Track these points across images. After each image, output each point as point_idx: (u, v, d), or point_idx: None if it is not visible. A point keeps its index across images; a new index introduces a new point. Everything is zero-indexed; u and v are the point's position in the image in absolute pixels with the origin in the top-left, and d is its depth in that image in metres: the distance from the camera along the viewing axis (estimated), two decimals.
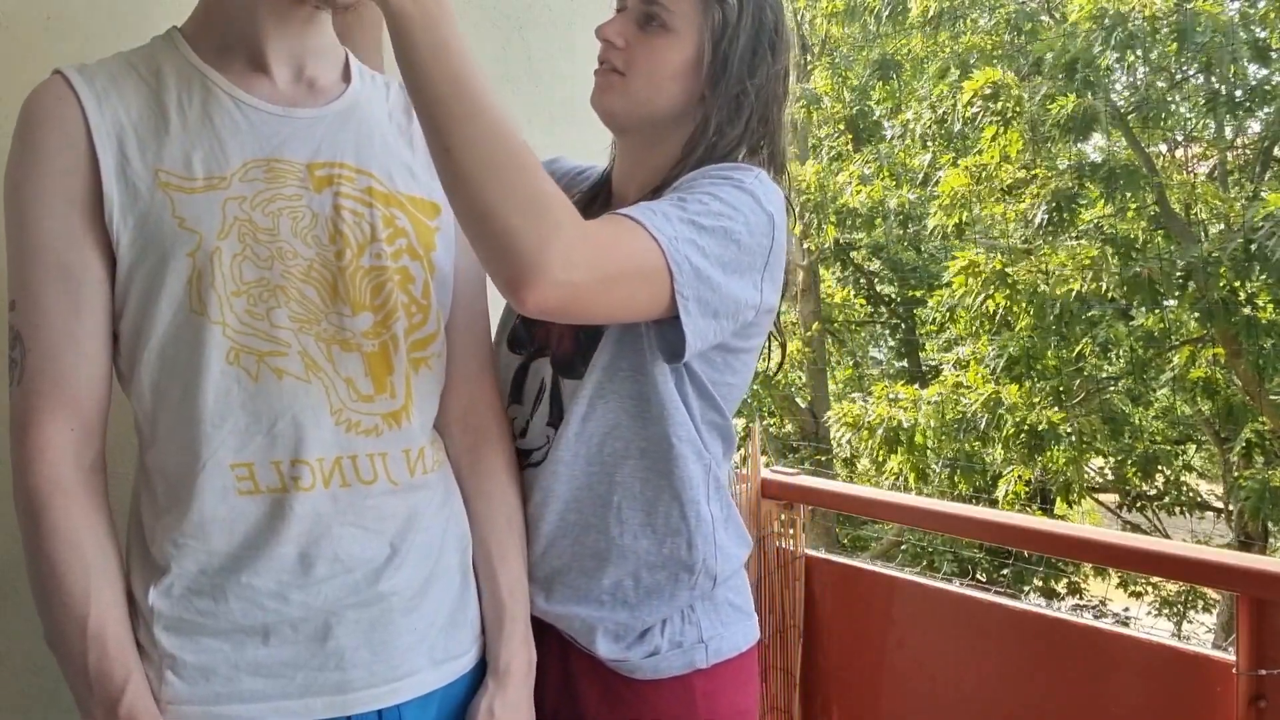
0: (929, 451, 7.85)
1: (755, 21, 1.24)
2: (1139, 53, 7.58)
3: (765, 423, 10.93)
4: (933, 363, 10.43)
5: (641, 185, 1.28)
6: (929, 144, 8.71)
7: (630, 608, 1.22)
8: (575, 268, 1.01)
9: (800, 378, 10.87)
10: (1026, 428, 7.41)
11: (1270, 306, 7.69)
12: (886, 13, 9.55)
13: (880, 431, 7.77)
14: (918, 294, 10.70)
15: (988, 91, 7.64)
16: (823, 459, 10.02)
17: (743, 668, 1.28)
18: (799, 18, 10.76)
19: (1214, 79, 7.53)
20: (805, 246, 10.15)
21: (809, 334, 10.54)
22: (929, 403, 7.77)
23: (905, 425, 7.70)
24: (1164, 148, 9.06)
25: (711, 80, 1.23)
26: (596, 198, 1.35)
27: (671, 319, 1.12)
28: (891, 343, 12.16)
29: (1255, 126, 8.27)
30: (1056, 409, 7.72)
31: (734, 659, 1.26)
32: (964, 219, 8.14)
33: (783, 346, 1.38)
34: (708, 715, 1.23)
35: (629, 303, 1.10)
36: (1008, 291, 7.42)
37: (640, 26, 1.24)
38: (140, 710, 1.00)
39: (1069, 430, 7.51)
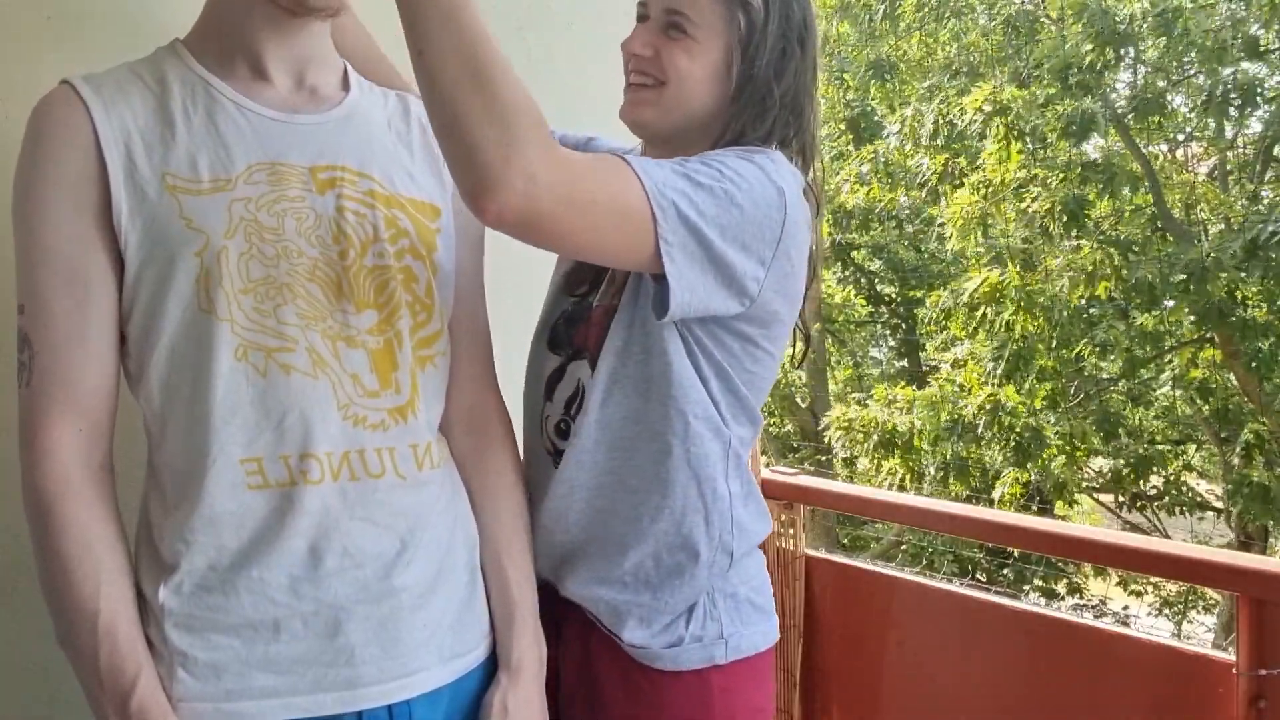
0: (925, 454, 7.82)
1: (783, 21, 1.23)
2: (1128, 51, 7.55)
3: (765, 423, 10.93)
4: (933, 363, 10.43)
5: None
6: (926, 145, 8.68)
7: (653, 589, 1.22)
8: (536, 183, 0.98)
9: (800, 378, 10.87)
10: (1022, 431, 7.39)
11: (1266, 307, 7.69)
12: (880, 12, 9.55)
13: (875, 436, 7.73)
14: (918, 294, 10.70)
15: (988, 107, 7.55)
16: (823, 459, 10.02)
17: (760, 667, 1.28)
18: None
19: (1206, 78, 7.50)
20: None
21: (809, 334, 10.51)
22: (926, 405, 7.74)
23: (901, 429, 7.68)
24: (1164, 148, 9.06)
25: (739, 85, 1.23)
26: None
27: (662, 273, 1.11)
28: (891, 343, 12.16)
29: (1256, 126, 8.27)
30: (1053, 410, 7.71)
31: (752, 658, 1.26)
32: (978, 238, 8.09)
33: (806, 338, 1.36)
34: (724, 711, 1.23)
35: (598, 237, 1.07)
36: (1023, 304, 7.35)
37: (665, 34, 1.23)
38: (151, 705, 1.01)
39: (1062, 431, 7.50)
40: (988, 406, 7.41)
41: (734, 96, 1.23)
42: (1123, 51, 7.58)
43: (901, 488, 7.68)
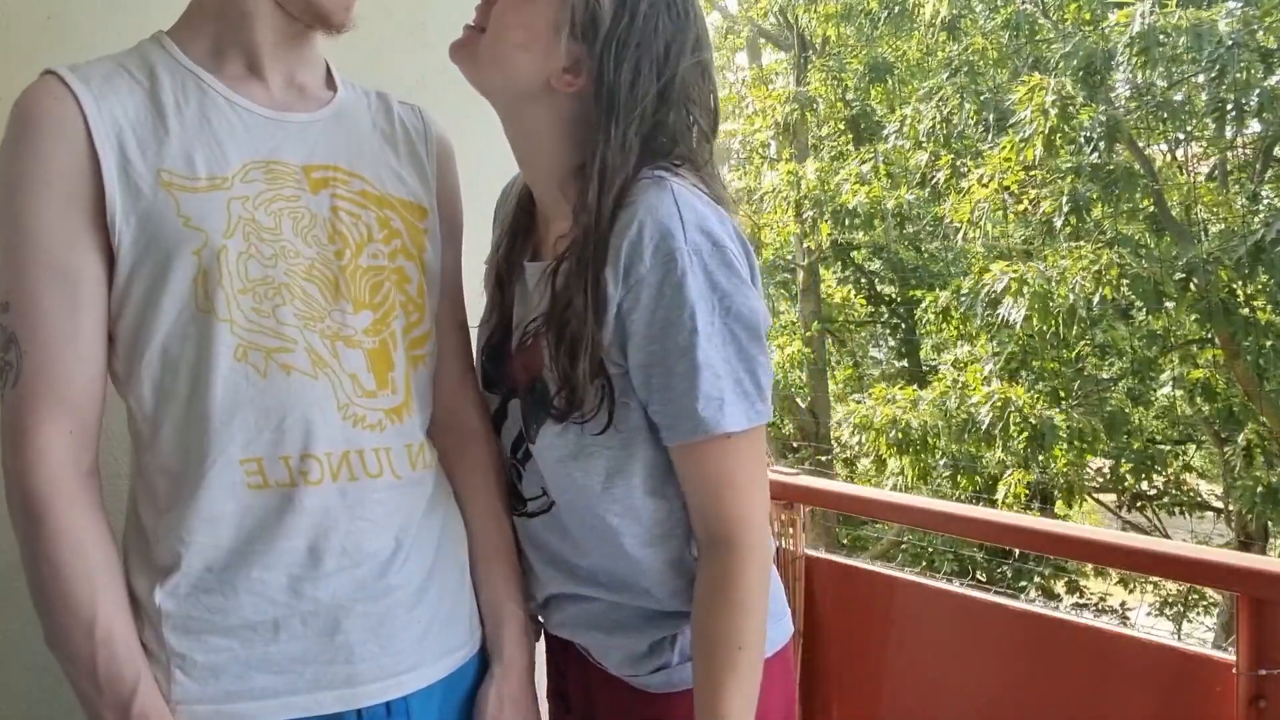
0: (934, 453, 7.81)
1: (637, 33, 1.11)
2: (1168, 63, 7.44)
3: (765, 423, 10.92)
4: (933, 363, 10.43)
5: (552, 201, 1.19)
6: (925, 144, 8.65)
7: (636, 630, 1.19)
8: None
9: (800, 378, 10.87)
10: (1030, 428, 7.36)
11: (1270, 307, 7.69)
12: (885, 15, 9.52)
13: (891, 434, 7.70)
14: (918, 294, 10.70)
15: (1051, 99, 7.32)
16: (823, 459, 10.02)
17: (768, 674, 1.19)
18: (795, 18, 10.75)
19: (1222, 87, 7.41)
20: (805, 246, 10.15)
21: (809, 334, 10.54)
22: (935, 405, 7.71)
23: (914, 426, 7.65)
24: (1164, 147, 9.05)
25: (598, 88, 1.11)
26: (517, 227, 1.27)
27: None
28: (891, 343, 12.16)
29: (1255, 126, 8.25)
30: (1057, 408, 7.70)
31: None
32: (989, 228, 8.02)
33: None
34: None
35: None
36: (1037, 305, 7.26)
37: None
38: (152, 711, 1.01)
39: (1069, 428, 7.48)
40: (998, 405, 7.37)
41: (586, 89, 1.12)
42: (1155, 66, 7.42)
43: (907, 487, 7.67)
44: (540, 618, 1.29)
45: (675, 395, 1.08)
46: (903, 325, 11.52)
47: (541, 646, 1.32)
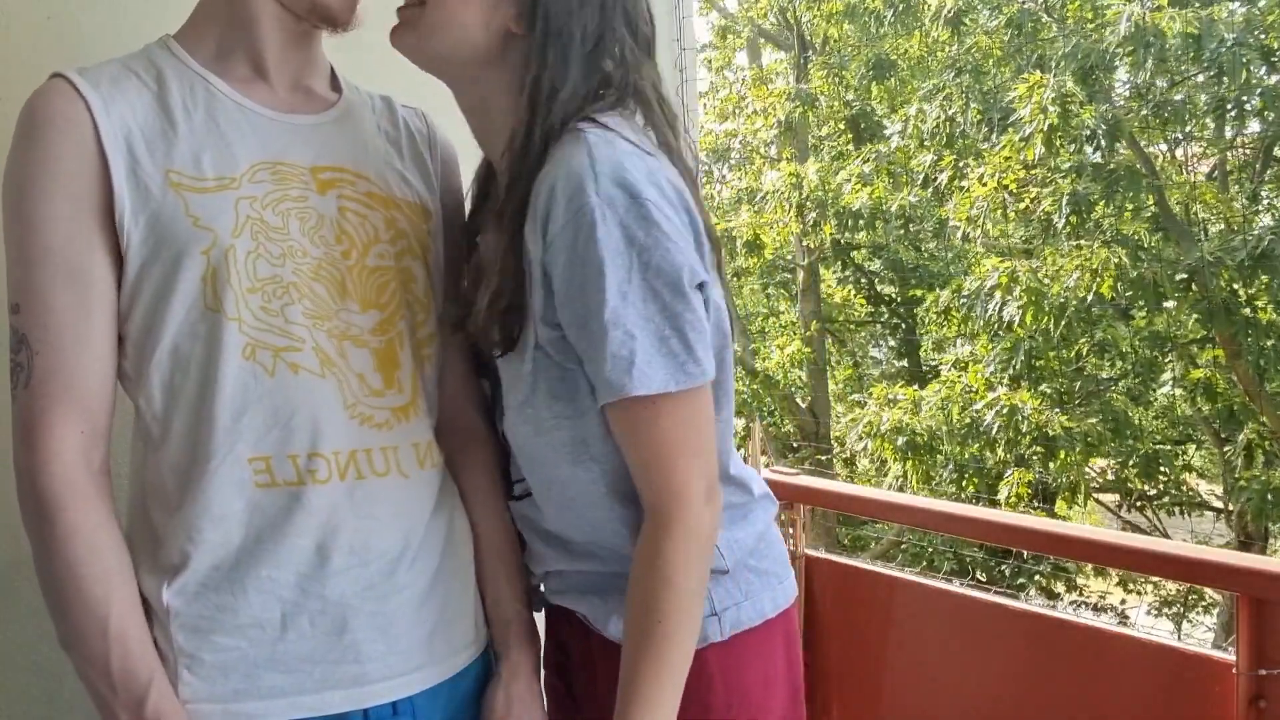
0: (939, 456, 7.80)
1: None
2: (1160, 63, 7.41)
3: (765, 423, 10.94)
4: (933, 362, 10.43)
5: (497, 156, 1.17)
6: (928, 144, 8.63)
7: (624, 591, 1.17)
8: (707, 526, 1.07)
9: (800, 377, 10.88)
10: (1039, 433, 7.34)
11: (1271, 307, 7.69)
12: (890, 15, 9.50)
13: (899, 442, 7.67)
14: (918, 294, 10.69)
15: (1050, 96, 7.23)
16: (823, 459, 10.03)
17: (770, 634, 1.20)
18: (795, 18, 10.75)
19: (1223, 85, 7.38)
20: (805, 245, 10.15)
21: (809, 334, 10.55)
22: (939, 408, 7.69)
23: (920, 431, 7.62)
24: (1164, 147, 9.04)
25: (530, 22, 1.09)
26: (486, 190, 1.25)
27: None
28: (892, 343, 12.16)
29: (1255, 126, 8.25)
30: (1061, 411, 7.69)
31: (758, 627, 1.18)
32: (989, 227, 7.99)
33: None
34: (725, 689, 1.16)
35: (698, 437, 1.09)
36: (1033, 301, 7.20)
37: None
38: (166, 708, 1.01)
39: (1077, 433, 7.47)
40: (1004, 410, 7.32)
41: (526, 30, 1.10)
42: (1159, 65, 7.37)
43: (913, 490, 7.65)
44: (542, 587, 1.29)
45: (593, 356, 1.04)
46: (903, 325, 11.52)
47: (541, 617, 1.32)
